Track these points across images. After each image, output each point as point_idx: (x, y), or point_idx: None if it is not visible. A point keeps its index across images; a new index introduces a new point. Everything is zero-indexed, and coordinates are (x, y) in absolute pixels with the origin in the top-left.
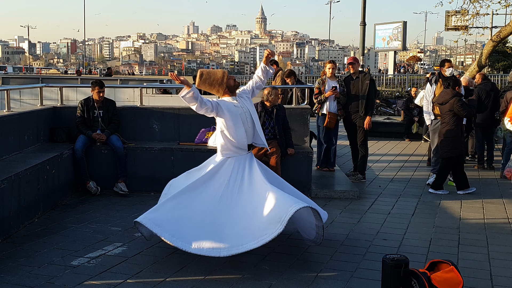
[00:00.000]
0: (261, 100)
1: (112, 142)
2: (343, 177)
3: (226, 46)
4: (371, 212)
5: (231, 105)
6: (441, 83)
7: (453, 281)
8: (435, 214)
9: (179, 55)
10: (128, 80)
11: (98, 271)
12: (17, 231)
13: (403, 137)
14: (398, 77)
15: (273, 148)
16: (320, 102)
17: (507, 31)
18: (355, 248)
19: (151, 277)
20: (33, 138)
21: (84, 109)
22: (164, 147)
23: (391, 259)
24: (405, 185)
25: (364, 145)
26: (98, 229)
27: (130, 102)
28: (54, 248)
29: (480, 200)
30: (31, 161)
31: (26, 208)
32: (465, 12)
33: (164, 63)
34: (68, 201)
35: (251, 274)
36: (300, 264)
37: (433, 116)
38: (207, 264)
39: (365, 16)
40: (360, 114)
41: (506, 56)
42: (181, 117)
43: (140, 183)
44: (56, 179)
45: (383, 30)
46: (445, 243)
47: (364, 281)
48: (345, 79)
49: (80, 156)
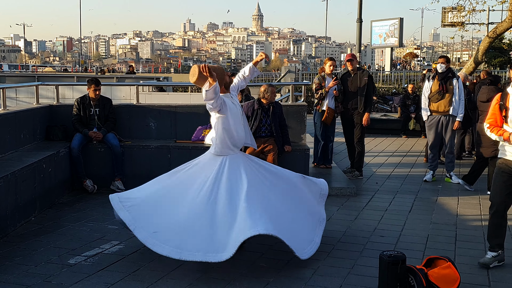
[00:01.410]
0: (258, 97)
1: (109, 140)
2: (340, 174)
3: (223, 43)
4: (368, 209)
5: (230, 102)
6: (437, 79)
7: (450, 277)
8: (432, 211)
9: (176, 52)
10: (124, 78)
11: (95, 270)
12: (13, 229)
13: (400, 134)
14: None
15: (270, 146)
16: (321, 97)
17: (503, 27)
18: (352, 245)
19: (148, 275)
20: (29, 137)
21: (80, 107)
22: (161, 145)
23: (388, 256)
24: (402, 182)
25: (360, 142)
26: (95, 228)
27: (126, 100)
28: (51, 246)
29: (477, 196)
30: (27, 160)
31: (23, 207)
32: (461, 9)
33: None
34: (65, 200)
35: (249, 271)
36: (297, 261)
37: (429, 112)
38: (205, 263)
39: (361, 13)
40: (359, 110)
41: (503, 52)
42: (178, 115)
43: (137, 181)
44: (52, 178)
45: (379, 27)
46: (442, 239)
47: (362, 277)
48: (342, 75)
49: (77, 154)
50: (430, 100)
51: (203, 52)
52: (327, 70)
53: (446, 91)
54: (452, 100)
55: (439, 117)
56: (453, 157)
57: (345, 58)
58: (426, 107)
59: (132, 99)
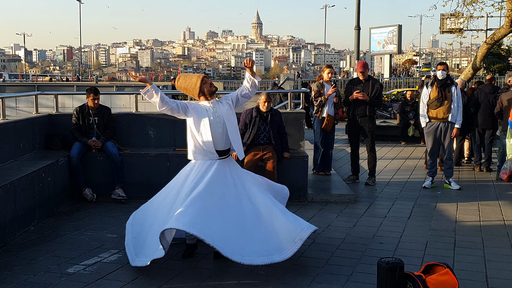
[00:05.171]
0: (256, 106)
1: (108, 149)
2: (339, 181)
3: (222, 52)
4: (367, 215)
5: (202, 108)
6: (436, 86)
7: (448, 284)
8: (431, 217)
9: (176, 60)
10: (124, 87)
11: (94, 278)
12: (12, 239)
13: (399, 141)
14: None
15: (269, 153)
16: (320, 104)
17: (501, 33)
18: (351, 252)
19: (147, 284)
20: (28, 146)
21: (79, 116)
22: (160, 153)
23: (386, 263)
24: (401, 188)
25: (373, 149)
26: (94, 236)
27: (126, 108)
28: (50, 255)
29: (476, 202)
30: (26, 169)
31: (22, 216)
32: (459, 15)
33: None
34: (64, 209)
35: (247, 279)
36: (296, 269)
37: (428, 119)
38: (203, 271)
39: (359, 21)
40: (368, 115)
41: (501, 58)
42: (177, 123)
43: (136, 189)
44: (51, 187)
45: (378, 34)
46: (441, 245)
47: (360, 285)
48: (352, 81)
49: (76, 163)
50: (429, 107)
51: (202, 60)
52: (325, 77)
53: (445, 98)
54: (451, 107)
55: (438, 124)
56: (452, 163)
57: (357, 68)
58: (424, 113)
59: (131, 108)
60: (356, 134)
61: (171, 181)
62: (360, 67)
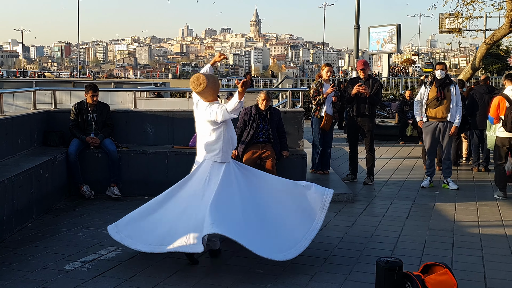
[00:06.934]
0: (255, 104)
1: (106, 146)
2: (337, 180)
3: (221, 49)
4: (365, 215)
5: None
6: (435, 86)
7: (447, 284)
8: (429, 217)
9: (174, 58)
10: (122, 84)
11: (92, 275)
12: (10, 235)
13: (397, 140)
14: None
15: (268, 152)
16: (319, 103)
17: (500, 33)
18: (349, 251)
19: (145, 281)
20: (26, 142)
21: (77, 112)
22: (158, 151)
23: (385, 262)
24: (399, 188)
25: (372, 148)
26: (91, 233)
27: (124, 105)
28: (48, 252)
29: (474, 202)
30: (24, 165)
31: (19, 213)
32: (458, 15)
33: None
34: (62, 205)
35: (245, 277)
36: (294, 267)
37: (426, 118)
38: (201, 269)
39: (359, 19)
40: (367, 114)
41: (500, 59)
42: (175, 121)
43: (134, 186)
44: (49, 183)
45: (377, 33)
46: (439, 245)
47: (359, 284)
48: (351, 80)
49: (74, 160)
50: (428, 106)
51: (201, 57)
52: (324, 76)
53: (444, 97)
54: (450, 106)
55: (437, 123)
56: (450, 163)
57: (357, 66)
58: (418, 111)
59: (130, 105)
60: (355, 133)
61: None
62: (361, 64)
